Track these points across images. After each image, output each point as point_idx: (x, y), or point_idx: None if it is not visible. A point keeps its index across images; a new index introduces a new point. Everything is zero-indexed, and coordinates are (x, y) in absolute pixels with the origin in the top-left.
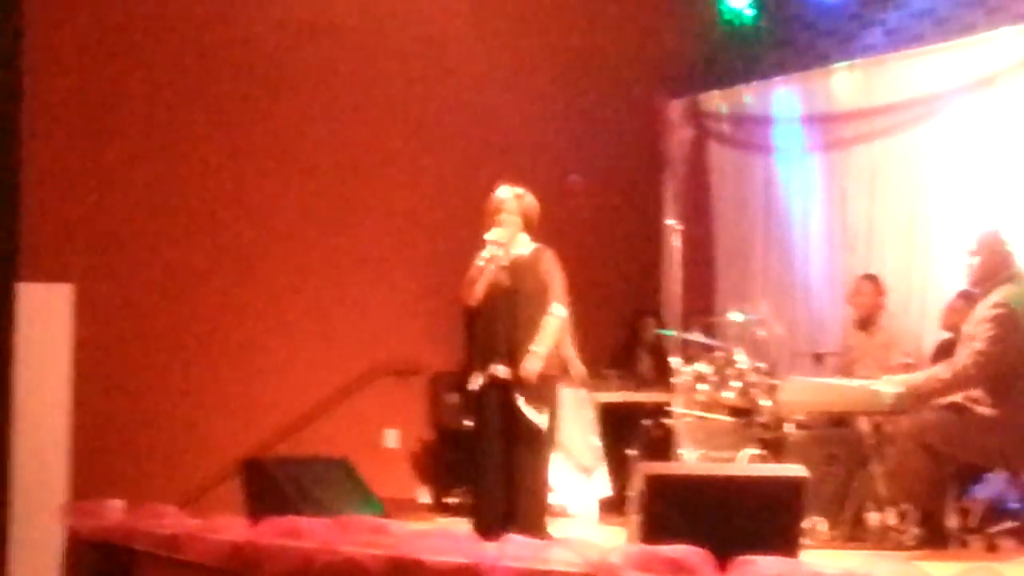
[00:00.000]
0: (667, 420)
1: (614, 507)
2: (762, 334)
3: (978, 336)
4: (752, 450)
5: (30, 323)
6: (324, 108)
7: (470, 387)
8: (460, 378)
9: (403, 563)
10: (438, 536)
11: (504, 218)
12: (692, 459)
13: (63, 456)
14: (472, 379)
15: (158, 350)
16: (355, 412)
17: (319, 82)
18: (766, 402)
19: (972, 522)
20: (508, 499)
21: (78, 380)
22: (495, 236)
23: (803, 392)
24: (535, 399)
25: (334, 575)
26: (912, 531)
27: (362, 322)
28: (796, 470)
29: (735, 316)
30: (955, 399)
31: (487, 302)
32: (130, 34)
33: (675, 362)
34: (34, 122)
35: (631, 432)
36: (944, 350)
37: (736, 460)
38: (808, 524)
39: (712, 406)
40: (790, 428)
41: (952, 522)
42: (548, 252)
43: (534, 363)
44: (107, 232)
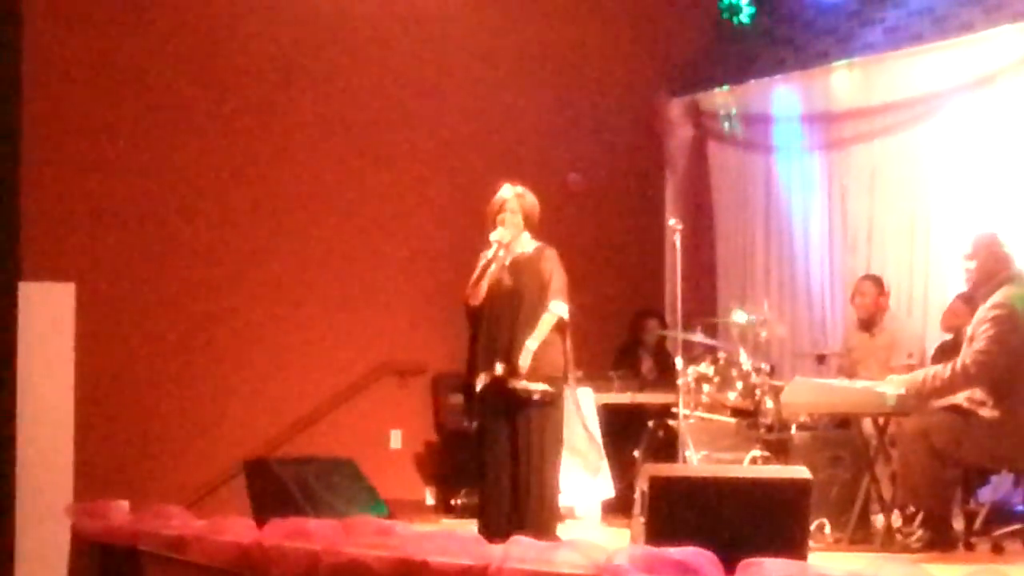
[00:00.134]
0: (671, 421)
1: (617, 508)
2: (764, 335)
3: (978, 336)
4: (756, 452)
5: (32, 322)
6: (327, 109)
7: (477, 387)
8: (464, 379)
9: (409, 564)
10: (444, 537)
11: (507, 217)
12: (696, 461)
13: (67, 456)
14: (477, 379)
15: (161, 349)
16: (360, 413)
17: (323, 82)
18: (770, 403)
19: (978, 524)
20: (513, 500)
21: (81, 379)
22: (498, 236)
23: (807, 393)
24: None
25: None
26: (918, 533)
27: (366, 323)
28: (800, 472)
29: (737, 317)
30: (959, 401)
31: (489, 302)
32: (132, 33)
33: (678, 363)
34: (35, 121)
35: (635, 433)
36: (945, 352)
37: (740, 462)
38: (813, 526)
39: (716, 407)
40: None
41: (958, 524)
42: (550, 250)
43: (526, 359)
44: (109, 231)
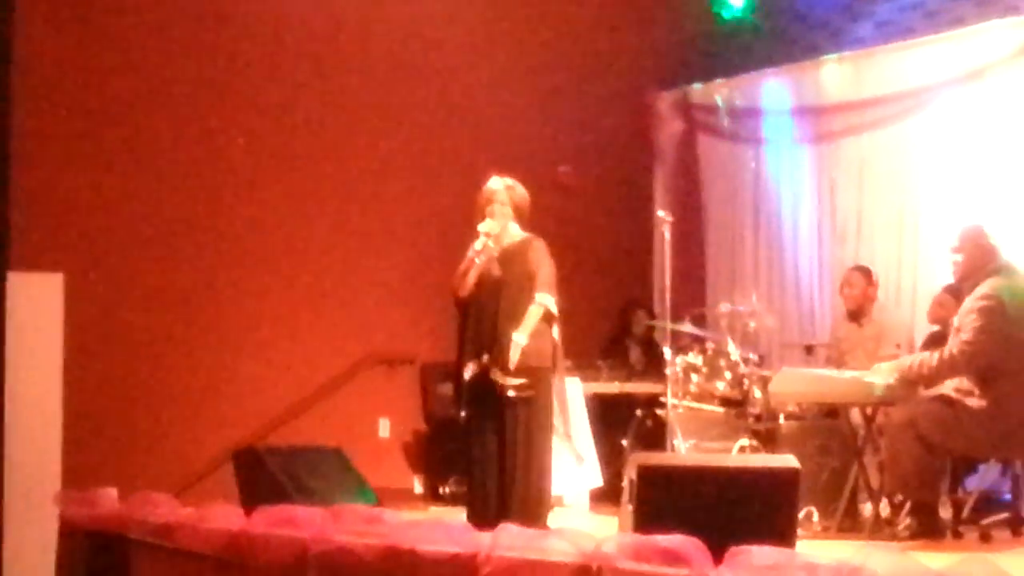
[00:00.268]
0: (659, 411)
1: (605, 497)
2: (753, 325)
3: (964, 327)
4: (745, 441)
5: (20, 312)
6: (317, 100)
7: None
8: (453, 368)
9: (397, 552)
10: (432, 526)
11: (495, 209)
12: (684, 450)
13: (56, 445)
14: (464, 369)
15: (150, 339)
16: (348, 402)
17: (315, 75)
18: (758, 393)
19: (966, 513)
20: (500, 489)
21: (69, 369)
22: (487, 227)
23: (795, 383)
24: (525, 391)
25: (328, 564)
26: (906, 522)
27: (354, 312)
28: (789, 461)
29: (726, 307)
30: (946, 391)
31: (477, 293)
32: (123, 24)
33: (666, 353)
34: (25, 111)
35: (623, 423)
36: (933, 343)
37: (729, 451)
38: (801, 515)
39: (704, 397)
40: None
41: (946, 513)
42: (537, 241)
43: (515, 352)
44: (97, 221)
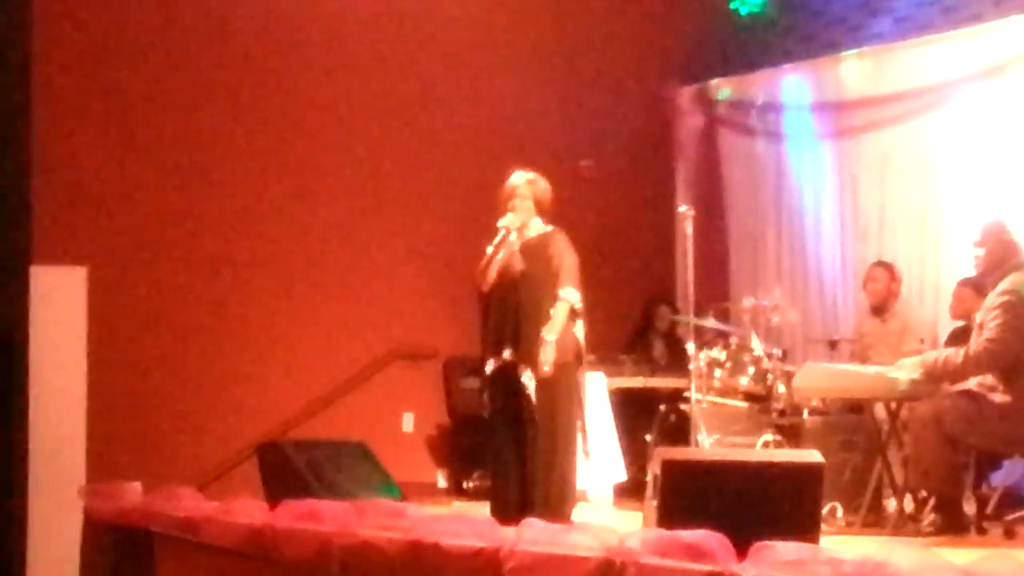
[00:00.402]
0: (683, 406)
1: (629, 492)
2: (776, 320)
3: (987, 324)
4: (768, 436)
5: (45, 306)
6: (339, 95)
7: (486, 372)
8: (475, 363)
9: (421, 547)
10: (456, 520)
11: (517, 203)
12: (708, 445)
13: (80, 438)
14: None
15: (173, 332)
16: (372, 396)
17: (334, 69)
18: (782, 388)
19: (990, 509)
20: (522, 483)
21: (93, 362)
22: (507, 222)
23: (819, 378)
24: (547, 386)
25: (352, 559)
26: (930, 518)
27: (378, 306)
28: (813, 456)
29: (749, 302)
30: (970, 386)
31: (499, 287)
32: (144, 21)
33: (690, 348)
34: (47, 106)
35: (647, 417)
36: (957, 338)
37: (752, 446)
38: (825, 510)
39: (728, 392)
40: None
41: (970, 509)
42: (559, 234)
43: (548, 353)
44: (121, 215)
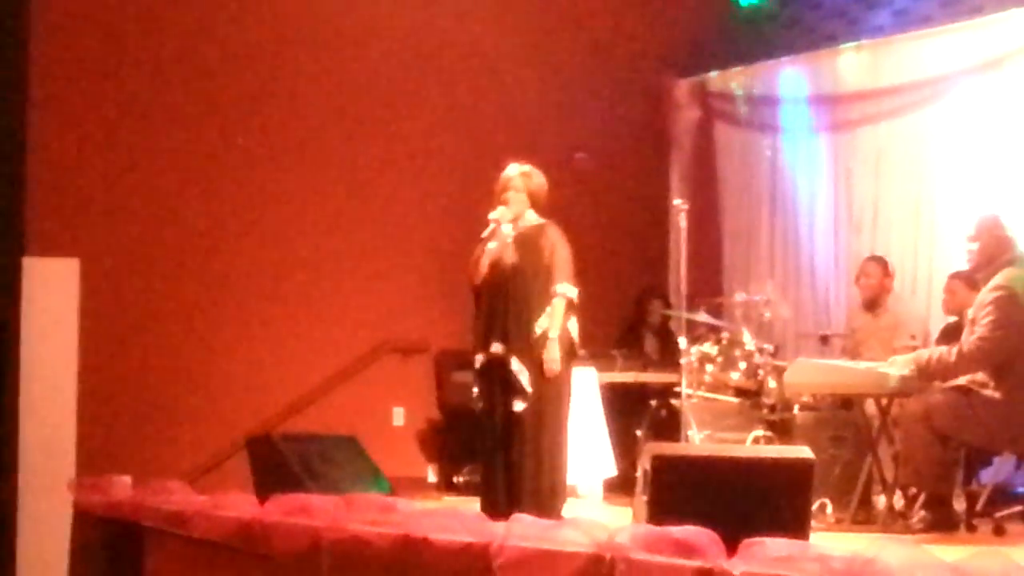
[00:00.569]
0: (674, 401)
1: (619, 487)
2: (768, 315)
3: (979, 320)
4: (759, 431)
5: (36, 297)
6: (328, 88)
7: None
8: (466, 357)
9: (410, 541)
10: (445, 515)
11: (510, 196)
12: (699, 440)
13: (70, 432)
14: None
15: (165, 325)
16: (362, 390)
17: (325, 61)
18: (773, 384)
19: (980, 506)
20: (511, 478)
21: (84, 354)
22: (497, 214)
23: (810, 374)
24: (537, 381)
25: (341, 553)
26: (920, 514)
27: (369, 300)
28: (803, 452)
29: (741, 297)
30: (960, 382)
31: (490, 280)
32: (139, 15)
33: (681, 343)
34: (40, 97)
35: (638, 412)
36: (949, 334)
37: (743, 442)
38: (815, 506)
39: (719, 387)
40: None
41: (960, 506)
42: (552, 227)
43: (553, 351)
44: (113, 207)
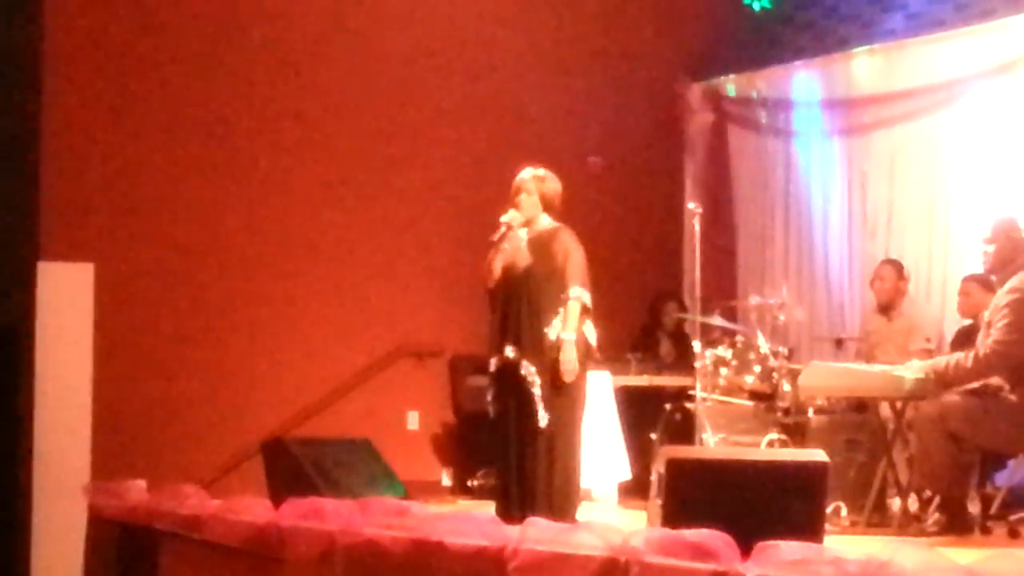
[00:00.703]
0: (688, 404)
1: (634, 491)
2: (782, 319)
3: (995, 324)
4: (773, 435)
5: (51, 302)
6: (346, 92)
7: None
8: (481, 361)
9: (425, 545)
10: (460, 519)
11: (522, 199)
12: (713, 443)
13: (85, 436)
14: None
15: (179, 329)
16: (377, 394)
17: (342, 61)
18: (787, 387)
19: (994, 509)
20: (525, 483)
21: (99, 359)
22: (508, 217)
23: (824, 377)
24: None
25: (356, 557)
26: (934, 517)
27: (384, 304)
28: (817, 455)
29: (755, 300)
30: (975, 385)
31: (503, 283)
32: (152, 17)
33: (696, 346)
34: (55, 103)
35: (652, 416)
36: (963, 336)
37: (757, 445)
38: (830, 509)
39: (733, 390)
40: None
41: (974, 508)
42: (566, 231)
43: (569, 352)
44: (128, 211)
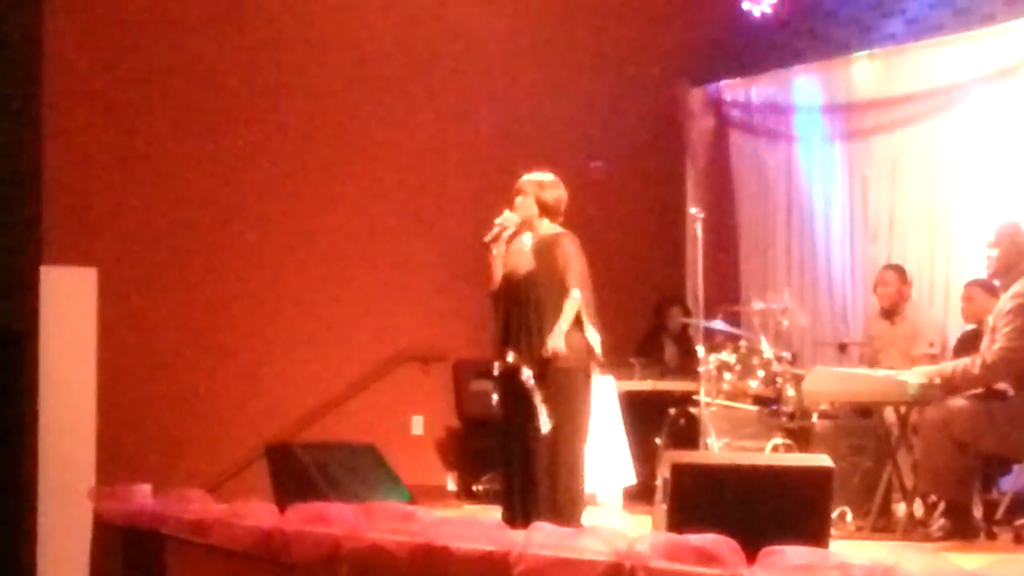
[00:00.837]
0: (693, 409)
1: (639, 496)
2: (786, 323)
3: (1000, 329)
4: (778, 440)
5: (55, 306)
6: (350, 94)
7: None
8: (485, 365)
9: (430, 550)
10: (465, 523)
11: (518, 201)
12: (718, 448)
13: (89, 440)
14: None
15: (183, 334)
16: (381, 399)
17: (344, 70)
18: (791, 392)
19: (999, 514)
20: (528, 487)
21: (103, 364)
22: (501, 218)
23: (828, 382)
24: (553, 394)
25: (360, 562)
26: (939, 522)
27: (388, 308)
28: (822, 460)
29: (759, 305)
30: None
31: (505, 288)
32: (155, 22)
33: (699, 351)
34: (58, 108)
35: (656, 421)
36: (966, 342)
37: (762, 450)
38: (835, 515)
39: (737, 395)
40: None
41: (979, 513)
42: (567, 237)
43: (557, 339)
44: (131, 215)
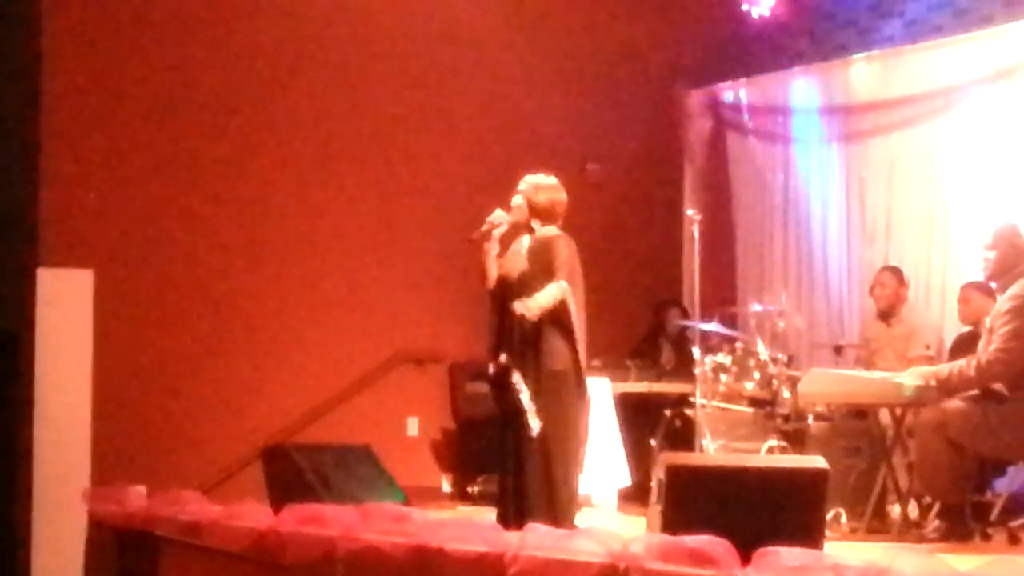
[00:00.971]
0: (688, 411)
1: (634, 497)
2: (782, 325)
3: (996, 331)
4: (773, 441)
5: (51, 308)
6: (348, 95)
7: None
8: (480, 367)
9: (425, 551)
10: (460, 525)
11: (516, 202)
12: (713, 450)
13: (84, 442)
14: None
15: (179, 335)
16: (377, 400)
17: (344, 67)
18: (787, 394)
19: (994, 515)
20: (521, 488)
21: (99, 365)
22: (492, 216)
23: (824, 384)
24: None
25: (356, 563)
26: (934, 524)
27: (384, 310)
28: (817, 462)
29: (755, 307)
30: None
31: (499, 289)
32: (152, 24)
33: (695, 353)
34: (54, 109)
35: (652, 422)
36: (963, 344)
37: (757, 451)
38: (829, 516)
39: (733, 397)
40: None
41: (973, 514)
42: (563, 239)
43: (528, 305)
44: (128, 217)
